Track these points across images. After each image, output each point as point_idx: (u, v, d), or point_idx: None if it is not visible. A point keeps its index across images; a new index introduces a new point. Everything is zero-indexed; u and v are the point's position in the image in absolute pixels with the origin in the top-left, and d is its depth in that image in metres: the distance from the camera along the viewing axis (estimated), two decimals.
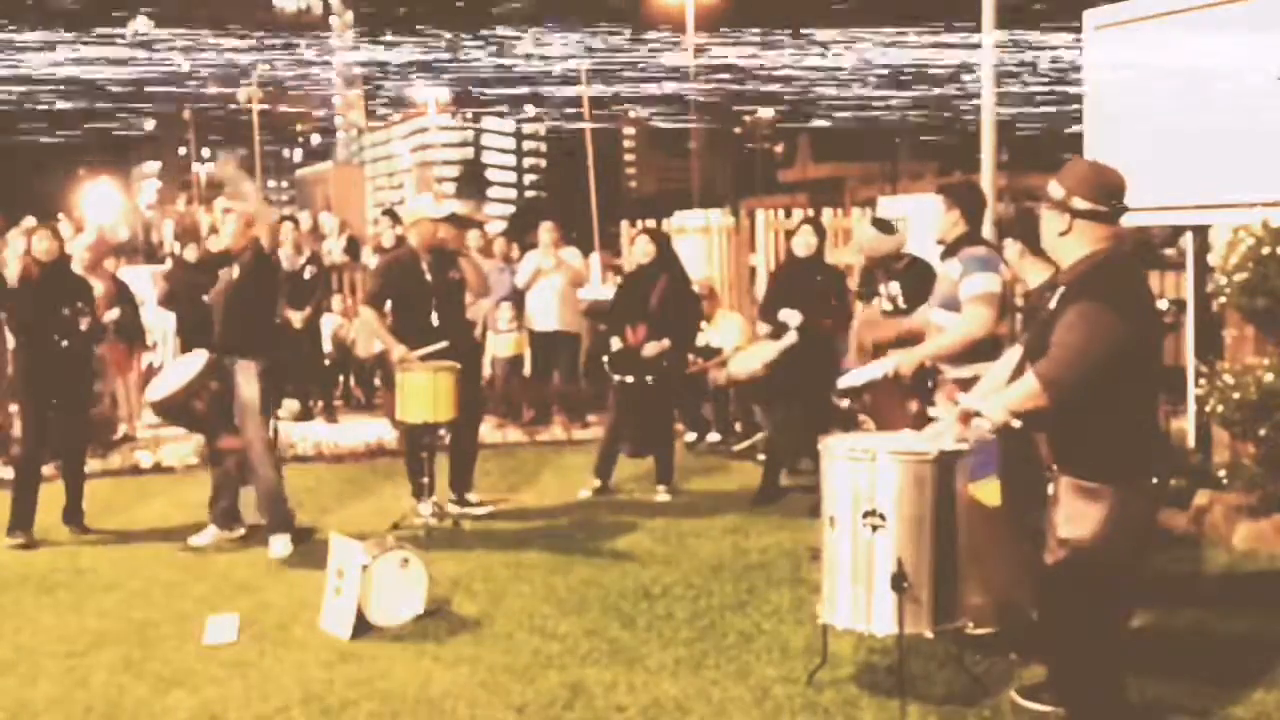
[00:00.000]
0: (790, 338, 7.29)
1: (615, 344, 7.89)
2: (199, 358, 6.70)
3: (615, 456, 8.03)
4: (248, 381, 6.62)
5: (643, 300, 7.82)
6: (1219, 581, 5.72)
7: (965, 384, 4.70)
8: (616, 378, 7.76)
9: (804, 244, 7.51)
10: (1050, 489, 3.70)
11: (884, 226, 6.49)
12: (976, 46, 9.41)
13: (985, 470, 4.46)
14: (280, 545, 6.65)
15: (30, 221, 9.62)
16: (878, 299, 6.37)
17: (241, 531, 6.91)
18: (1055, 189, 3.64)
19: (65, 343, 7.02)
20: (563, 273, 10.55)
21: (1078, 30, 7.70)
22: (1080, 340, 3.47)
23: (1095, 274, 3.57)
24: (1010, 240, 5.36)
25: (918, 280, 6.11)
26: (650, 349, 7.76)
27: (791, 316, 7.32)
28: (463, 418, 7.21)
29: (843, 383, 5.39)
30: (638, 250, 8.01)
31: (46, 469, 7.29)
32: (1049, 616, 3.94)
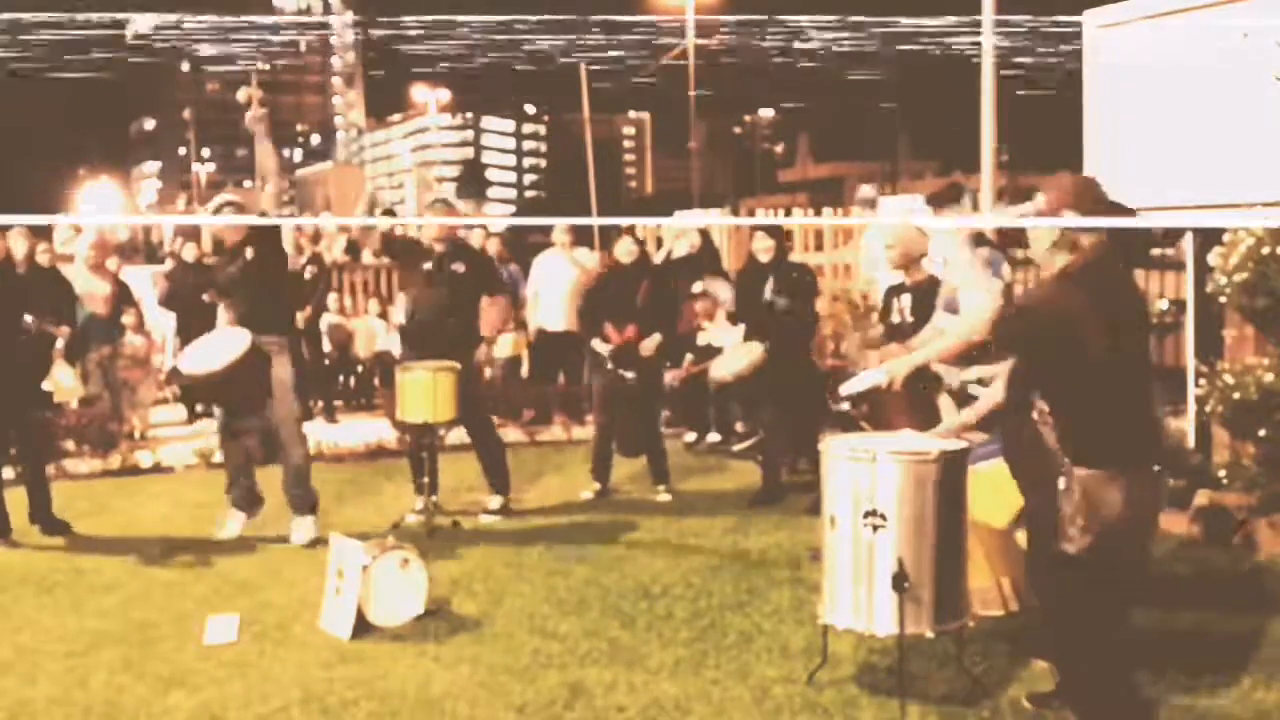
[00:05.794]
0: (757, 350, 7.42)
1: (599, 345, 7.87)
2: (239, 337, 6.55)
3: (610, 457, 8.03)
4: (281, 360, 6.65)
5: (628, 299, 7.85)
6: (1219, 581, 5.72)
7: (967, 387, 4.71)
8: (626, 374, 7.75)
9: (762, 248, 7.62)
10: (1063, 483, 3.75)
11: (920, 230, 6.51)
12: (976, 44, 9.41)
13: (989, 451, 4.48)
14: (303, 530, 6.71)
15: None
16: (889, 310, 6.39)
17: (262, 510, 6.92)
18: (1037, 204, 3.81)
19: (20, 345, 7.00)
20: (576, 273, 10.55)
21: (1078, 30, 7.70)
22: (1033, 298, 3.79)
23: (1069, 268, 3.76)
24: None
25: (930, 299, 6.09)
26: (648, 345, 7.79)
27: (778, 301, 7.43)
28: (470, 419, 7.31)
29: (843, 390, 5.41)
30: (621, 251, 8.01)
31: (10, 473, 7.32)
32: (1060, 607, 3.97)
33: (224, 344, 6.60)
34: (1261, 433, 6.12)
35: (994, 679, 4.46)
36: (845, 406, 5.59)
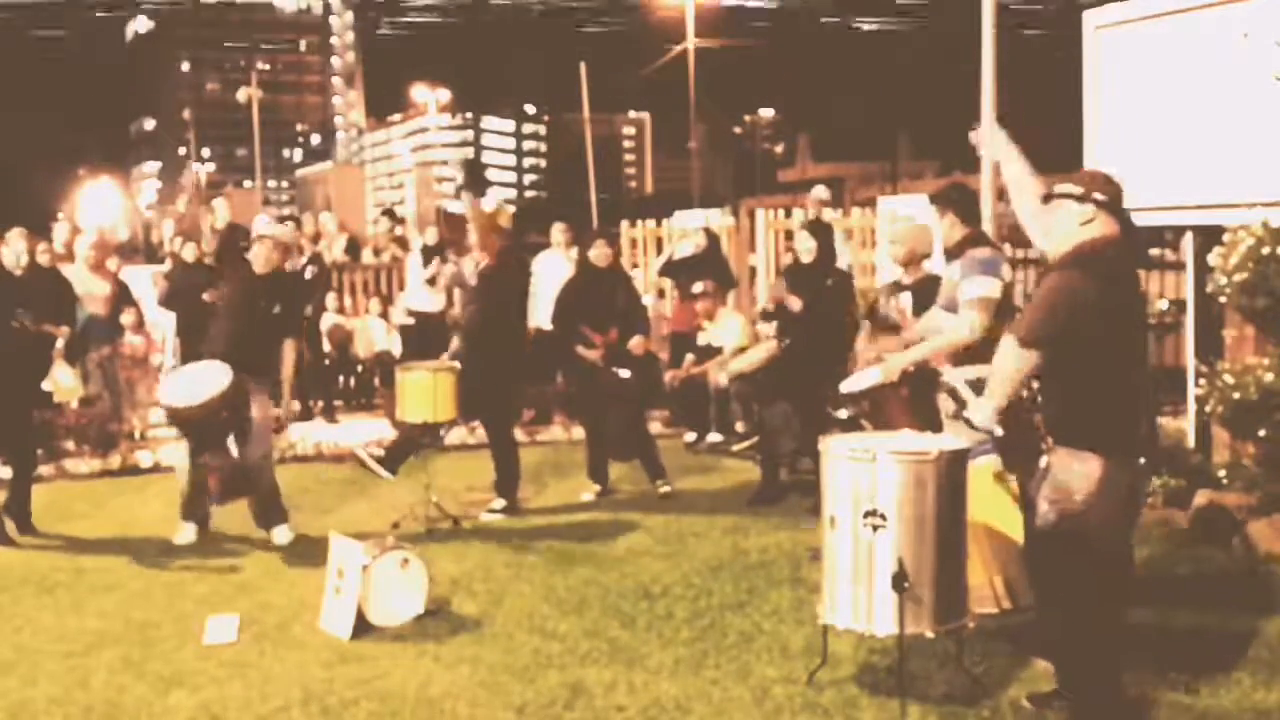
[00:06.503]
0: (769, 346, 7.43)
1: (585, 352, 7.81)
2: (222, 374, 6.50)
3: (604, 458, 8.03)
4: (260, 402, 6.69)
5: (606, 302, 7.85)
6: (1219, 581, 5.72)
7: (971, 386, 4.72)
8: (622, 373, 7.74)
9: (806, 250, 7.54)
10: (1043, 461, 3.81)
11: (926, 229, 6.50)
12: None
13: (982, 449, 4.48)
14: (283, 533, 6.78)
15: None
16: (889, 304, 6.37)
17: (210, 520, 6.96)
18: (1074, 189, 3.94)
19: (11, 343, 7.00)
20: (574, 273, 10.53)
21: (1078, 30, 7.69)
22: (1044, 298, 3.81)
23: (1071, 255, 3.87)
24: None
25: (929, 297, 6.08)
26: (637, 344, 7.80)
27: (792, 302, 7.41)
28: (492, 418, 7.50)
29: (843, 388, 5.41)
30: (595, 255, 7.96)
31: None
32: (1039, 582, 4.10)
33: (206, 379, 6.57)
34: (1261, 433, 6.12)
35: (994, 679, 4.46)
36: (843, 414, 5.60)
